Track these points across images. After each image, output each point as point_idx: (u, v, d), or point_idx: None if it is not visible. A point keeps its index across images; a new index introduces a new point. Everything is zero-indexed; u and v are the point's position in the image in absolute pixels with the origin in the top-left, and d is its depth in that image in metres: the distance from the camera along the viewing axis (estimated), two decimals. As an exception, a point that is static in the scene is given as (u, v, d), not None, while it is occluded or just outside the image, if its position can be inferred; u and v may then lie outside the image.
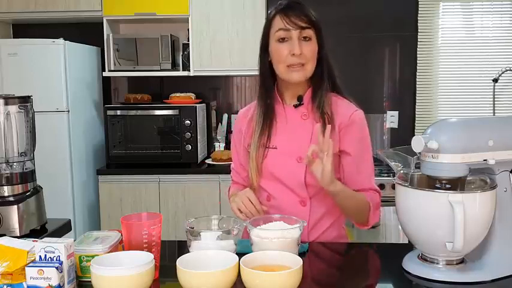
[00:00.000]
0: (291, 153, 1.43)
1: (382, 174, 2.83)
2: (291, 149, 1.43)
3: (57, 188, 2.95)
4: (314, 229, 1.46)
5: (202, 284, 0.96)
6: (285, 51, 1.37)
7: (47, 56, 2.95)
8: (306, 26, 1.37)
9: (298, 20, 1.36)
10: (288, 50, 1.37)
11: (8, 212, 1.46)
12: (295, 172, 1.42)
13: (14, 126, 1.51)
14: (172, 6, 3.13)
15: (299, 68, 1.38)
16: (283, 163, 1.43)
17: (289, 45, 1.37)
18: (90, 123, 3.33)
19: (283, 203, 1.44)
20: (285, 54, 1.38)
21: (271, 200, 1.47)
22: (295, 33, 1.37)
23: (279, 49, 1.39)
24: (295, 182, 1.43)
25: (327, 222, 1.47)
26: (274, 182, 1.45)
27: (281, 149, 1.44)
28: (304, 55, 1.37)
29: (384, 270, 1.25)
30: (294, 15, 1.36)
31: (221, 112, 3.52)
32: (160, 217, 1.15)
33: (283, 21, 1.37)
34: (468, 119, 1.17)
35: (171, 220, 3.02)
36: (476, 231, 1.09)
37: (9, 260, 1.03)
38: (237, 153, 1.58)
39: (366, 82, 3.43)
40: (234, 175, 1.62)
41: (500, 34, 3.36)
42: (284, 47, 1.38)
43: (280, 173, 1.44)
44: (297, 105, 1.46)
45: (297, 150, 1.42)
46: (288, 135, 1.45)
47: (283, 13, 1.38)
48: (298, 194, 1.43)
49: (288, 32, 1.37)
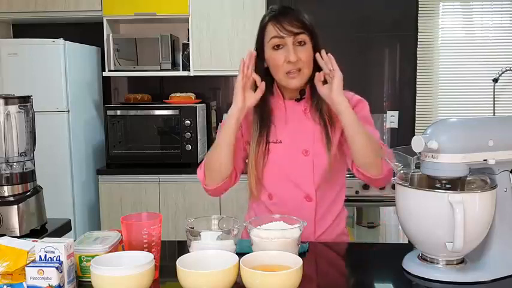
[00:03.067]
0: (297, 146, 1.43)
1: (382, 174, 2.83)
2: (296, 142, 1.44)
3: (57, 188, 2.95)
4: (319, 224, 1.46)
5: (202, 284, 0.96)
6: (281, 59, 1.37)
7: (47, 56, 2.95)
8: (299, 32, 1.36)
9: (291, 26, 1.35)
10: (284, 57, 1.37)
11: (8, 212, 1.46)
12: (301, 166, 1.43)
13: (14, 126, 1.51)
14: (172, 6, 3.13)
15: (296, 73, 1.38)
16: (290, 157, 1.43)
17: (285, 52, 1.37)
18: (90, 123, 3.33)
19: (288, 199, 1.44)
20: (281, 62, 1.37)
21: (273, 198, 1.46)
22: (290, 40, 1.36)
23: (275, 57, 1.38)
24: (302, 176, 1.43)
25: (331, 217, 1.48)
26: (278, 177, 1.45)
27: (286, 142, 1.44)
28: (300, 61, 1.37)
29: (384, 270, 1.25)
30: (287, 21, 1.36)
31: (221, 112, 3.52)
32: (160, 217, 1.15)
33: (276, 29, 1.37)
34: (468, 119, 1.17)
35: (171, 220, 3.02)
36: (476, 231, 1.09)
37: (9, 260, 1.03)
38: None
39: (365, 82, 3.43)
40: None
41: (500, 34, 3.36)
42: (280, 54, 1.37)
43: (286, 167, 1.44)
44: (299, 99, 1.47)
45: (301, 143, 1.43)
46: (292, 129, 1.45)
47: (275, 20, 1.37)
48: (304, 190, 1.44)
49: (282, 39, 1.37)
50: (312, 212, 1.44)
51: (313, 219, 1.45)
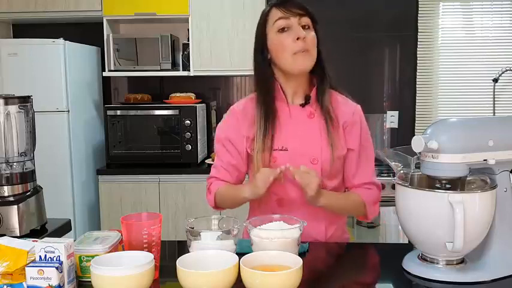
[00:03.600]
0: (304, 154, 1.40)
1: (382, 174, 2.83)
2: (303, 150, 1.40)
3: (57, 188, 2.95)
4: (330, 227, 1.46)
5: (203, 284, 0.96)
6: (288, 39, 1.36)
7: (47, 56, 2.95)
8: (303, 13, 1.38)
9: (295, 8, 1.37)
10: (291, 37, 1.36)
11: (8, 212, 1.46)
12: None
13: (14, 126, 1.51)
14: (172, 6, 3.13)
15: (305, 54, 1.36)
16: (297, 165, 1.36)
17: (292, 33, 1.36)
18: (90, 123, 3.33)
19: (297, 204, 1.41)
20: (288, 42, 1.36)
21: (283, 203, 1.43)
22: (295, 20, 1.37)
23: (282, 39, 1.37)
24: None
25: (338, 218, 1.49)
26: (287, 185, 1.40)
27: (293, 150, 1.40)
28: (307, 41, 1.36)
29: (384, 270, 1.25)
30: (290, 4, 1.38)
31: (221, 112, 3.52)
32: (160, 217, 1.15)
33: (281, 11, 1.37)
34: (468, 119, 1.17)
35: (171, 220, 3.02)
36: (476, 231, 1.09)
37: (9, 260, 1.03)
38: (227, 152, 1.48)
39: (366, 82, 3.43)
40: (221, 174, 1.49)
41: (500, 34, 3.36)
42: (286, 35, 1.37)
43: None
44: (304, 104, 1.44)
45: (309, 151, 1.40)
46: (299, 136, 1.41)
47: (279, 4, 1.39)
48: None
49: (287, 20, 1.37)
50: (321, 216, 1.43)
51: (324, 224, 1.45)
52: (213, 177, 1.52)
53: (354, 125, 1.44)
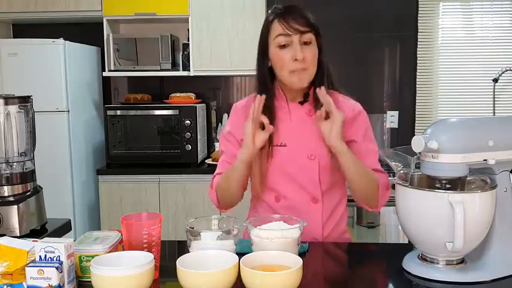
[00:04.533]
0: (302, 150, 1.43)
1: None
2: (301, 146, 1.43)
3: (57, 188, 2.95)
4: (327, 224, 1.46)
5: (202, 284, 0.96)
6: (287, 57, 1.36)
7: (47, 56, 2.95)
8: (305, 30, 1.35)
9: (297, 24, 1.34)
10: (290, 55, 1.35)
11: (8, 212, 1.46)
12: (308, 169, 1.42)
13: (14, 126, 1.51)
14: (172, 6, 3.13)
15: (302, 72, 1.37)
16: (295, 161, 1.43)
17: (291, 50, 1.35)
18: (90, 123, 3.33)
19: (295, 202, 1.44)
20: (286, 60, 1.36)
21: (281, 200, 1.46)
22: (296, 38, 1.35)
23: (281, 56, 1.37)
24: (308, 180, 1.43)
25: (336, 216, 1.49)
26: (284, 180, 1.44)
27: (291, 146, 1.43)
28: (306, 60, 1.36)
29: (384, 270, 1.25)
30: (293, 19, 1.35)
31: (221, 112, 3.52)
32: (160, 217, 1.15)
33: (283, 27, 1.35)
34: (468, 119, 1.17)
35: (171, 220, 3.02)
36: (476, 231, 1.09)
37: (9, 260, 1.03)
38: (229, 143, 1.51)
39: (366, 82, 3.43)
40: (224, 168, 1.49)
41: (500, 34, 3.36)
42: (285, 53, 1.36)
43: (292, 170, 1.43)
44: (303, 101, 1.46)
45: (307, 147, 1.42)
46: (297, 132, 1.44)
47: (281, 18, 1.36)
48: (310, 192, 1.44)
49: (288, 37, 1.35)
50: (318, 214, 1.44)
51: (320, 221, 1.45)
52: (217, 174, 1.53)
53: (355, 119, 1.45)
